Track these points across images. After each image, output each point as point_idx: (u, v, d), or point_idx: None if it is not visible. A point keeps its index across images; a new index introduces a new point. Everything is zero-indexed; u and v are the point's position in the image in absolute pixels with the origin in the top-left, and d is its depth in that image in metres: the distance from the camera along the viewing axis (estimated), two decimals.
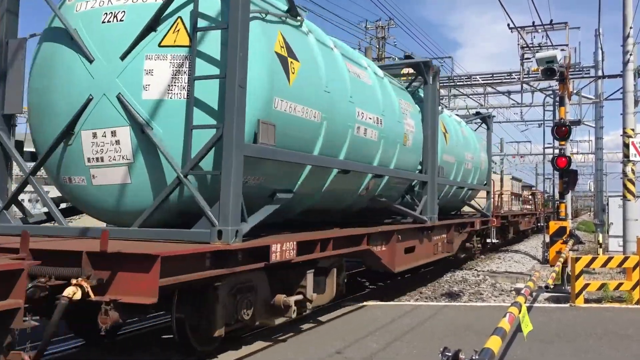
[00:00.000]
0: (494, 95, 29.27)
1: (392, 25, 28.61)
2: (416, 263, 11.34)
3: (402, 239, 10.26)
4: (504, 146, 54.96)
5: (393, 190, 11.10)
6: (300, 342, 7.70)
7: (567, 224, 14.94)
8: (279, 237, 6.84)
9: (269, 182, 6.96)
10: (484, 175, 18.46)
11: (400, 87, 12.07)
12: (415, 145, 11.37)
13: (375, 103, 9.62)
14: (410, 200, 11.79)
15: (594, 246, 23.31)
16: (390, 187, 10.72)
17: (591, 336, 8.16)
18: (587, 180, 65.41)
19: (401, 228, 10.32)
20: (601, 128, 26.09)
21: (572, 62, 22.24)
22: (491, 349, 3.60)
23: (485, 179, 18.74)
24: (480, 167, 17.50)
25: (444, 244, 13.13)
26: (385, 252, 9.67)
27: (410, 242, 10.82)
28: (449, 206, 16.53)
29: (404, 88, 12.35)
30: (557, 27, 22.47)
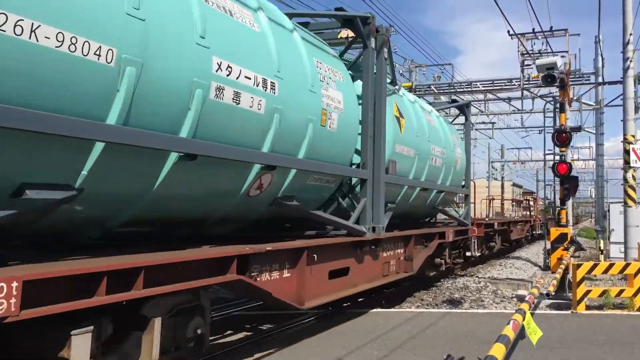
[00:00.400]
0: (495, 101, 29.30)
1: (392, 32, 28.68)
2: (350, 291, 8.47)
3: (321, 259, 7.45)
4: (504, 152, 55.05)
5: (312, 192, 8.19)
6: (301, 350, 7.68)
7: (568, 230, 14.93)
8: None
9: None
10: (460, 175, 15.14)
11: (321, 46, 8.72)
12: (346, 128, 8.42)
13: (257, 52, 6.40)
14: (349, 205, 9.03)
15: (595, 253, 23.27)
16: (305, 187, 7.83)
17: (593, 343, 8.14)
18: (587, 186, 65.40)
19: (320, 243, 7.39)
20: (602, 134, 26.10)
21: (572, 69, 22.27)
22: (495, 357, 3.59)
23: (462, 180, 15.47)
24: (454, 165, 14.22)
25: (399, 262, 10.50)
26: (286, 280, 6.72)
27: (339, 262, 8.11)
28: (415, 213, 13.59)
29: (327, 48, 9.02)
30: (557, 33, 22.53)
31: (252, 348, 7.69)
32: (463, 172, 15.36)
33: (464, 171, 15.48)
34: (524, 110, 29.24)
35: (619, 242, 17.40)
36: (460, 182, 15.32)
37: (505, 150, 55.03)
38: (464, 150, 15.57)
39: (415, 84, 27.86)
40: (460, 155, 14.85)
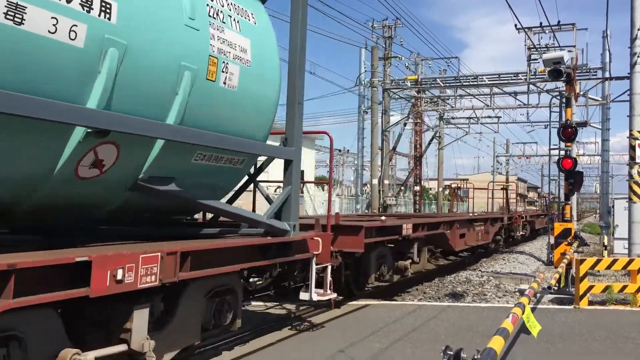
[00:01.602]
0: (501, 95, 29.13)
1: (399, 25, 28.53)
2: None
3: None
4: (510, 147, 54.97)
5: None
6: (303, 341, 7.72)
7: (572, 225, 14.90)
8: None
9: None
10: (252, 107, 6.61)
11: None
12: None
13: None
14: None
15: (599, 248, 23.23)
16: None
17: (595, 338, 8.14)
18: (592, 182, 65.29)
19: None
20: (608, 130, 25.97)
21: (579, 64, 22.14)
22: (493, 349, 3.61)
23: (266, 123, 7.00)
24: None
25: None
26: None
27: None
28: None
29: None
30: (564, 28, 22.35)
31: (253, 338, 7.73)
32: (264, 104, 6.82)
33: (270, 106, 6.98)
34: (530, 105, 29.07)
35: (623, 238, 17.35)
36: (261, 126, 6.86)
37: (510, 144, 55.02)
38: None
39: (421, 77, 27.77)
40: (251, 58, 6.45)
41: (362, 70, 28.62)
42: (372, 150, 27.17)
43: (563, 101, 18.76)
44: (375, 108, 27.01)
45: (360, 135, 29.79)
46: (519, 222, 25.24)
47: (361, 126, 29.70)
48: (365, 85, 28.42)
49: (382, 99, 27.72)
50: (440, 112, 34.86)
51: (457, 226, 14.87)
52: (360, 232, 9.27)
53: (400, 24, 28.51)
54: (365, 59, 28.37)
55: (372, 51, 27.52)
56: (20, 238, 5.22)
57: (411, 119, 33.07)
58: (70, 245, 4.69)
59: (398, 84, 28.02)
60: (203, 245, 5.41)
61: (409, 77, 27.81)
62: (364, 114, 29.21)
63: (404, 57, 29.01)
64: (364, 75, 28.55)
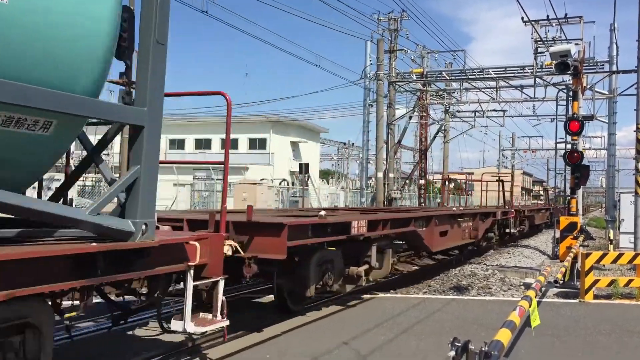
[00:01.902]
0: (507, 89, 28.99)
1: (405, 17, 28.40)
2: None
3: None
4: (515, 140, 54.80)
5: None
6: (308, 333, 7.73)
7: (577, 219, 14.86)
8: None
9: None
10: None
11: None
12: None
13: None
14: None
15: (604, 242, 23.17)
16: None
17: (600, 332, 8.13)
18: (599, 176, 65.06)
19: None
20: (614, 124, 25.84)
21: (586, 57, 21.98)
22: (501, 341, 3.60)
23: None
24: None
25: None
26: None
27: None
28: None
29: None
30: (571, 21, 22.22)
31: (258, 330, 7.75)
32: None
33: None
34: (536, 98, 28.93)
35: (629, 232, 17.30)
36: (81, 69, 4.38)
37: (516, 138, 54.82)
38: None
39: (427, 70, 27.66)
40: None
41: (368, 63, 28.53)
42: (377, 143, 27.13)
43: (570, 94, 18.69)
44: (380, 101, 26.95)
45: (365, 129, 29.74)
46: (516, 217, 22.80)
47: (366, 119, 29.65)
48: (370, 78, 28.35)
49: (388, 92, 27.65)
50: (445, 106, 34.75)
51: (435, 222, 12.41)
52: (282, 232, 6.92)
53: (406, 16, 28.37)
54: (371, 51, 28.28)
55: (377, 44, 27.42)
56: None
57: (416, 112, 32.99)
58: None
59: (404, 77, 27.93)
60: None
61: (414, 70, 27.71)
62: (370, 107, 29.16)
63: (409, 50, 28.91)
64: (369, 68, 28.48)
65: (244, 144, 49.10)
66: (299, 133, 50.30)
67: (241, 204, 27.58)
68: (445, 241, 13.63)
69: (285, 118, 47.91)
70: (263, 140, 48.19)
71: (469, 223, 15.65)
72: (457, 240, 14.87)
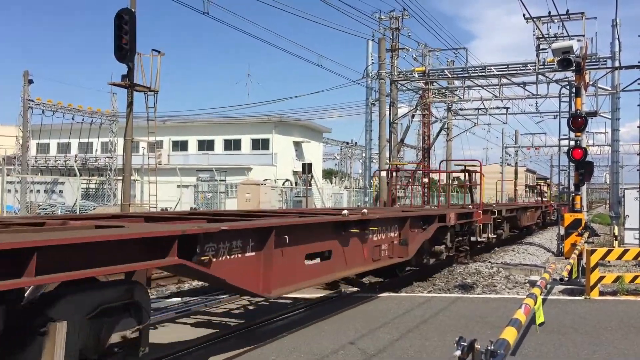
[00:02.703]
0: (509, 86, 28.97)
1: (406, 16, 28.37)
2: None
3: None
4: (518, 138, 54.69)
5: None
6: (314, 333, 7.73)
7: (582, 216, 14.82)
8: None
9: None
10: None
11: None
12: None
13: None
14: None
15: (609, 239, 23.10)
16: None
17: (606, 329, 8.11)
18: (602, 172, 64.88)
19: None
20: (617, 120, 25.78)
21: (589, 53, 21.94)
22: (507, 340, 3.59)
23: None
24: None
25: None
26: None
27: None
28: None
29: None
30: (573, 17, 22.17)
31: (265, 331, 7.75)
32: None
33: None
34: (539, 95, 28.90)
35: (634, 228, 17.28)
36: None
37: (519, 135, 54.69)
38: None
39: (429, 69, 27.63)
40: None
41: (370, 62, 28.51)
42: (380, 142, 27.11)
43: (572, 91, 18.62)
44: (383, 100, 26.92)
45: (368, 128, 29.72)
46: (485, 219, 16.41)
47: (369, 118, 29.63)
48: (372, 77, 28.33)
49: (390, 91, 27.62)
50: (448, 104, 34.71)
51: (281, 241, 6.58)
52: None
53: (408, 15, 28.36)
54: (373, 50, 28.26)
55: (379, 43, 27.39)
56: None
57: (419, 111, 32.97)
58: None
59: (406, 76, 27.90)
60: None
61: (416, 69, 27.68)
62: (372, 106, 29.13)
63: (411, 49, 28.87)
64: (371, 67, 28.45)
65: (247, 145, 49.15)
66: (302, 133, 50.31)
67: (245, 204, 27.61)
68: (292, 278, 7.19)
69: (288, 118, 47.95)
70: (266, 141, 48.22)
71: (384, 235, 9.85)
72: (341, 269, 8.44)
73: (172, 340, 7.19)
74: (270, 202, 29.34)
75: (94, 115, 39.48)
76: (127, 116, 17.19)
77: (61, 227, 5.40)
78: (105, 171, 40.22)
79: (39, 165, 42.64)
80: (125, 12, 15.36)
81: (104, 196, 34.42)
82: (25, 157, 34.18)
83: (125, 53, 15.34)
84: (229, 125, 48.42)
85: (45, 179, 35.31)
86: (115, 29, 15.19)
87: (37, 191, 32.42)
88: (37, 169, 41.89)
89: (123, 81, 16.61)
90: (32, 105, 34.84)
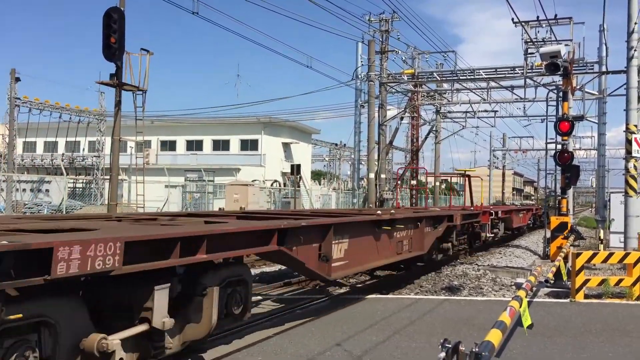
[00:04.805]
0: (497, 90, 29.12)
1: (395, 18, 28.43)
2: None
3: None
4: (506, 141, 55.04)
5: None
6: (301, 334, 7.72)
7: (568, 219, 14.93)
8: None
9: None
10: None
11: None
12: None
13: None
14: None
15: (595, 242, 23.29)
16: None
17: (591, 332, 8.17)
18: (589, 176, 65.39)
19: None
20: (604, 124, 26.02)
21: (576, 57, 22.11)
22: (491, 342, 3.61)
23: None
24: None
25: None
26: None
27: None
28: None
29: None
30: (561, 22, 22.36)
31: (251, 332, 7.74)
32: None
33: None
34: (527, 99, 29.09)
35: (619, 232, 17.40)
36: None
37: (507, 138, 55.05)
38: None
39: (418, 71, 27.72)
40: None
41: (359, 64, 28.58)
42: (369, 144, 27.16)
43: (560, 95, 18.76)
44: (372, 102, 26.98)
45: (357, 129, 29.80)
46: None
47: (358, 120, 29.71)
48: (362, 79, 28.40)
49: (379, 93, 27.68)
50: (437, 106, 34.85)
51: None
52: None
53: (397, 17, 28.44)
54: (362, 52, 28.36)
55: (369, 45, 27.46)
56: None
57: (408, 113, 33.06)
58: None
59: (395, 78, 27.98)
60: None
61: (405, 71, 27.76)
62: (361, 108, 29.21)
63: (400, 51, 28.96)
64: (360, 69, 28.53)
65: (236, 145, 49.03)
66: (291, 134, 50.27)
67: (233, 205, 27.53)
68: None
69: (277, 119, 47.90)
70: (255, 142, 48.13)
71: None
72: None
73: None
74: (259, 203, 29.25)
75: (81, 114, 39.20)
76: (115, 115, 17.08)
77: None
78: (93, 170, 39.94)
79: (25, 164, 42.26)
80: (114, 10, 15.26)
81: (91, 195, 34.13)
82: (11, 155, 33.86)
83: (114, 52, 15.24)
84: (218, 126, 48.28)
85: (32, 178, 34.98)
86: (103, 28, 15.08)
87: (23, 190, 32.10)
88: (23, 167, 41.51)
89: (111, 80, 16.49)
90: (19, 103, 34.54)
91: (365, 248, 9.48)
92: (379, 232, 9.89)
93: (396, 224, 10.45)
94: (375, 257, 9.88)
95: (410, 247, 11.44)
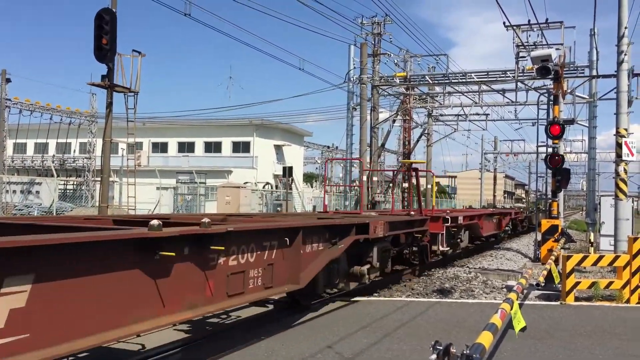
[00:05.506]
0: (489, 93, 29.29)
1: (388, 21, 28.48)
2: None
3: None
4: (498, 144, 55.24)
5: None
6: (292, 336, 7.71)
7: (559, 222, 15.00)
8: None
9: None
10: None
11: None
12: None
13: None
14: None
15: (585, 245, 23.41)
16: None
17: (581, 334, 8.21)
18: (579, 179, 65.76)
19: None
20: (594, 127, 26.20)
21: (567, 61, 22.28)
22: (482, 344, 3.62)
23: None
24: None
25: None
26: None
27: None
28: None
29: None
30: (552, 26, 22.49)
31: (242, 335, 7.71)
32: None
33: None
34: (518, 102, 29.28)
35: (609, 235, 17.49)
36: None
37: (498, 142, 55.25)
38: None
39: (410, 74, 27.79)
40: None
41: (352, 66, 28.59)
42: (361, 146, 27.18)
43: (551, 99, 18.86)
44: (364, 105, 27.02)
45: (349, 132, 29.78)
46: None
47: (350, 123, 29.69)
48: (354, 82, 28.41)
49: (371, 96, 27.73)
50: (428, 109, 34.95)
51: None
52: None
53: (390, 20, 28.49)
54: (355, 55, 28.35)
55: (361, 48, 27.49)
56: None
57: (400, 116, 33.13)
58: None
59: (387, 81, 28.04)
60: None
61: (398, 74, 27.83)
62: (353, 110, 29.21)
63: (393, 54, 28.99)
64: (353, 71, 28.53)
65: (228, 147, 48.92)
66: (283, 136, 50.23)
67: (225, 207, 27.47)
68: None
69: (269, 121, 47.84)
70: (247, 144, 48.05)
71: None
72: None
73: (153, 345, 7.12)
74: (250, 205, 29.21)
75: (72, 116, 39.05)
76: (107, 117, 17.00)
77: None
78: (84, 172, 39.76)
79: (16, 165, 42.01)
80: (105, 12, 15.21)
81: (82, 197, 33.97)
82: (1, 156, 33.65)
83: (105, 53, 15.18)
84: (210, 128, 48.16)
85: (22, 179, 34.79)
86: (95, 29, 15.02)
87: (14, 191, 31.90)
88: (13, 169, 41.27)
89: (103, 81, 16.43)
90: (10, 104, 34.36)
91: (108, 298, 4.58)
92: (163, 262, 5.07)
93: (231, 242, 6.03)
94: (147, 311, 4.96)
95: (268, 280, 6.84)
